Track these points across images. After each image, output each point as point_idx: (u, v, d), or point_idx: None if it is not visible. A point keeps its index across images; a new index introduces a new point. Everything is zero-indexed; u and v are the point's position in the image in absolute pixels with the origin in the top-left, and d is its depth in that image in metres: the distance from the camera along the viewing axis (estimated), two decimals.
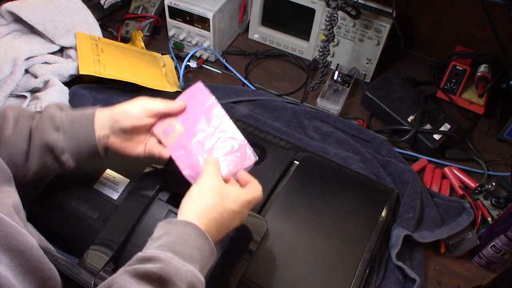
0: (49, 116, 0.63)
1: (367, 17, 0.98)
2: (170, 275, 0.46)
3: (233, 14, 1.11)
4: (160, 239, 0.51)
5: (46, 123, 0.63)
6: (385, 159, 0.89)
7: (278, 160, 0.81)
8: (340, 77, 1.05)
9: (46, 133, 0.62)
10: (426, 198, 0.83)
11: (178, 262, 0.48)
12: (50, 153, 0.63)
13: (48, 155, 0.63)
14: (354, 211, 0.75)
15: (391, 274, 0.74)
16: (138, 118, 0.64)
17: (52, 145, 0.62)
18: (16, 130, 0.62)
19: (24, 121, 0.63)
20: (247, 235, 0.67)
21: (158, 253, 0.48)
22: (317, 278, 0.66)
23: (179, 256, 0.49)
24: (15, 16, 0.92)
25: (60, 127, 0.63)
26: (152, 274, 0.46)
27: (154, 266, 0.46)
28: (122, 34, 1.12)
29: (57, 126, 0.63)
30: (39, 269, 0.45)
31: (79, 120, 0.64)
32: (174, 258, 0.48)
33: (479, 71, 1.00)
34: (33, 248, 0.44)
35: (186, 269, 0.48)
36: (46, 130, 0.62)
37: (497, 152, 0.96)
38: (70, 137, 0.63)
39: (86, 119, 0.64)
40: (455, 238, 0.79)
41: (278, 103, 0.98)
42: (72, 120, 0.64)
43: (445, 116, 0.95)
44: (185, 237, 0.51)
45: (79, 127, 0.64)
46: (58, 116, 0.64)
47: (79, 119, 0.64)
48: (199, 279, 0.49)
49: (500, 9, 0.93)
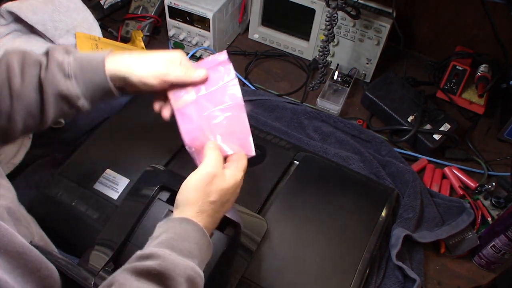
0: (57, 64, 0.60)
1: (367, 17, 0.98)
2: (168, 270, 0.47)
3: (233, 14, 1.11)
4: (159, 237, 0.51)
5: (55, 72, 0.59)
6: (385, 159, 0.89)
7: (278, 160, 0.81)
8: (340, 77, 1.05)
9: (58, 83, 0.59)
10: (426, 198, 0.83)
11: (176, 257, 0.49)
12: (66, 102, 0.61)
13: (63, 103, 0.61)
14: (354, 211, 0.75)
15: (391, 274, 0.74)
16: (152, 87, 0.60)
17: (66, 94, 0.60)
18: (25, 81, 0.59)
19: (31, 69, 0.60)
20: (247, 235, 0.67)
21: (157, 250, 0.49)
22: (317, 278, 0.66)
23: (178, 252, 0.49)
24: (15, 16, 0.92)
25: (70, 75, 0.60)
26: (151, 270, 0.46)
27: (152, 263, 0.47)
28: (122, 34, 1.12)
29: (67, 73, 0.60)
30: (37, 269, 0.45)
31: (90, 66, 0.61)
32: (172, 254, 0.49)
33: (479, 71, 1.00)
34: (30, 250, 0.44)
35: (184, 264, 0.49)
36: (57, 79, 0.59)
37: (497, 152, 0.96)
38: (83, 83, 0.60)
39: (97, 63, 0.61)
40: (455, 238, 0.79)
41: (278, 103, 0.98)
42: (82, 66, 0.60)
43: (445, 116, 0.95)
44: (182, 233, 0.51)
45: (91, 73, 0.60)
46: (66, 62, 0.60)
47: (89, 65, 0.61)
48: (198, 273, 0.50)
49: (500, 9, 0.93)
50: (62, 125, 0.87)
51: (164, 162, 0.76)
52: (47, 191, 0.76)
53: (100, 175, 0.76)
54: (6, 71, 0.59)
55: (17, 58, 0.60)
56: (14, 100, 0.58)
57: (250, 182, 0.76)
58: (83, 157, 0.80)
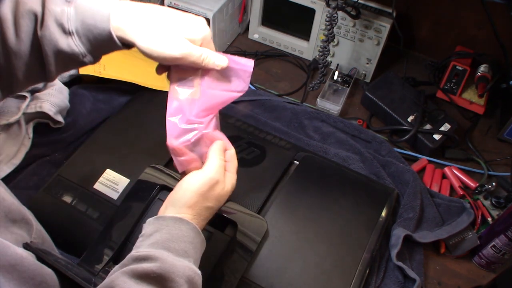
0: (55, 19, 0.52)
1: (367, 17, 0.98)
2: (168, 272, 0.46)
3: (233, 14, 1.11)
4: (152, 236, 0.50)
5: (53, 29, 0.52)
6: (385, 159, 0.89)
7: (278, 160, 0.81)
8: (340, 77, 1.05)
9: (57, 42, 0.52)
10: (426, 198, 0.83)
11: (174, 258, 0.48)
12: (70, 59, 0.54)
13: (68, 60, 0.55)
14: (354, 211, 0.75)
15: (391, 274, 0.74)
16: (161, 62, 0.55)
17: (70, 53, 0.53)
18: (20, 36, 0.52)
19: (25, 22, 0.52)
20: (247, 235, 0.67)
21: (154, 252, 0.48)
22: (317, 278, 0.66)
23: (174, 252, 0.49)
24: None
25: (71, 31, 0.52)
26: (151, 273, 0.46)
27: (151, 265, 0.46)
28: None
29: (67, 30, 0.52)
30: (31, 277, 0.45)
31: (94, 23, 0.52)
32: (169, 255, 0.48)
33: (479, 71, 1.00)
34: (23, 258, 0.44)
35: (182, 264, 0.49)
36: (56, 37, 0.52)
37: (497, 152, 0.96)
38: (86, 40, 0.53)
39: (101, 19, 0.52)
40: (455, 238, 0.79)
41: (278, 103, 0.98)
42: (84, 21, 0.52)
43: (445, 116, 0.95)
44: (177, 232, 0.51)
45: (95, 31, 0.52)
46: (66, 16, 0.52)
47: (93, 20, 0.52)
48: (196, 272, 0.50)
49: (500, 9, 0.93)
50: (62, 125, 0.87)
51: (164, 162, 0.76)
52: (47, 191, 0.76)
53: (100, 175, 0.76)
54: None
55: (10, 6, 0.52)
56: (12, 58, 0.52)
57: (250, 182, 0.76)
58: (83, 157, 0.80)
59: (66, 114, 0.89)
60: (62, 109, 0.87)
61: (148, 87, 0.93)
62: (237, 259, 0.65)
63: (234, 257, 0.65)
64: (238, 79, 0.57)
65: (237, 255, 0.65)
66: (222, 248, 0.65)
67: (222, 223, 0.68)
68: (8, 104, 0.88)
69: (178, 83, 0.56)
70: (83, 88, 0.93)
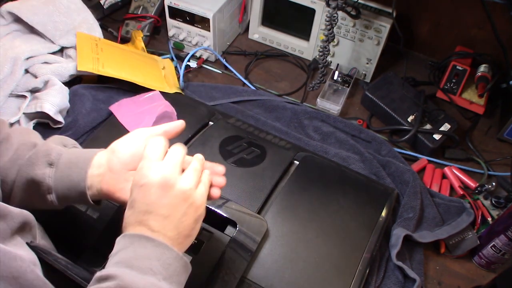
0: (46, 149, 0.58)
1: (367, 17, 0.98)
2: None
3: (233, 14, 1.11)
4: (117, 255, 0.49)
5: (40, 156, 0.58)
6: (385, 159, 0.89)
7: (278, 160, 0.81)
8: (340, 77, 1.05)
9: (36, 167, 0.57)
10: (426, 198, 0.83)
11: (136, 276, 0.46)
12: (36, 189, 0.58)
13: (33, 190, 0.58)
14: (354, 211, 0.75)
15: (391, 274, 0.74)
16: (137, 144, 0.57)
17: (38, 181, 0.57)
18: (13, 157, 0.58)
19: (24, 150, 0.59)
20: (247, 235, 0.67)
21: (114, 270, 0.47)
22: (317, 278, 0.66)
23: (137, 270, 0.47)
24: (15, 17, 0.92)
25: (54, 163, 0.57)
26: None
27: (110, 284, 0.45)
28: (122, 34, 1.12)
29: (51, 161, 0.57)
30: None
31: (77, 161, 0.58)
32: (131, 273, 0.46)
33: (479, 71, 1.00)
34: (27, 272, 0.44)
35: (144, 281, 0.46)
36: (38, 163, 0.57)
37: (497, 152, 0.96)
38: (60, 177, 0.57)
39: (84, 158, 0.58)
40: (455, 238, 0.79)
41: (278, 103, 0.98)
42: (69, 159, 0.58)
43: (445, 116, 0.95)
44: (141, 250, 0.48)
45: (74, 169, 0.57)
46: (56, 150, 0.58)
47: (76, 159, 0.58)
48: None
49: (500, 9, 0.93)
50: (62, 125, 0.87)
51: None
52: None
53: None
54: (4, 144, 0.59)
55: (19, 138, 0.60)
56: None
57: (250, 182, 0.76)
58: None
59: (66, 114, 0.89)
60: (62, 109, 0.87)
61: (147, 87, 0.93)
62: (237, 259, 0.65)
63: (234, 257, 0.65)
64: None
65: (237, 255, 0.65)
66: (222, 248, 0.65)
67: (222, 223, 0.68)
68: (8, 104, 0.88)
69: None
70: (83, 88, 0.93)
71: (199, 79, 1.07)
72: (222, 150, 0.81)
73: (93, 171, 0.57)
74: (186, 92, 1.00)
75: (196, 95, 0.99)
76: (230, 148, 0.82)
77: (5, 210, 0.47)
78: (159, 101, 0.87)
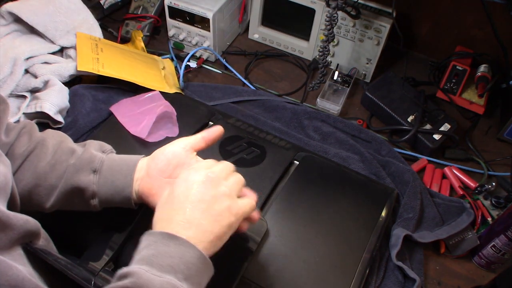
0: (89, 156, 0.62)
1: (367, 17, 0.98)
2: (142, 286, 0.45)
3: (233, 14, 1.11)
4: (141, 253, 0.49)
5: (84, 163, 0.61)
6: (385, 159, 0.89)
7: (278, 160, 0.81)
8: (340, 77, 1.05)
9: (82, 174, 0.61)
10: (426, 198, 0.83)
11: (153, 274, 0.46)
12: (80, 195, 0.62)
13: (76, 196, 0.62)
14: (354, 211, 0.75)
15: (391, 274, 0.74)
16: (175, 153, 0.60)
17: (83, 187, 0.61)
18: (51, 161, 0.61)
19: (62, 156, 0.62)
20: (247, 235, 0.67)
21: (133, 268, 0.47)
22: (317, 278, 0.66)
23: (157, 268, 0.47)
24: (15, 17, 0.92)
25: (97, 170, 0.61)
26: None
27: (127, 281, 0.45)
28: (122, 34, 1.12)
29: (94, 168, 0.61)
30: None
31: (119, 168, 0.62)
32: (149, 271, 0.47)
33: (479, 71, 1.00)
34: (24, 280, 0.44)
35: (161, 280, 0.46)
36: (83, 171, 0.61)
37: (497, 152, 0.96)
38: (104, 183, 0.61)
39: (127, 166, 0.62)
40: (455, 238, 0.79)
41: (278, 103, 0.98)
42: (112, 166, 0.62)
43: (445, 116, 0.95)
44: (164, 248, 0.49)
45: (118, 175, 0.61)
46: (99, 157, 0.62)
47: (119, 166, 0.62)
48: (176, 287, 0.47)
49: (500, 9, 0.93)
50: (62, 125, 0.87)
51: None
52: None
53: None
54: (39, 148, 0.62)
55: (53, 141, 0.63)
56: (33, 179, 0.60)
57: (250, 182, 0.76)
58: None
59: (66, 114, 0.89)
60: (62, 109, 0.87)
61: (147, 87, 0.93)
62: (237, 259, 0.65)
63: (234, 257, 0.65)
64: None
65: (237, 255, 0.65)
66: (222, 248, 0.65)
67: None
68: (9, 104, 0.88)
69: None
70: (83, 88, 0.93)
71: (199, 79, 1.07)
72: (222, 150, 0.81)
73: (137, 176, 0.61)
74: (186, 92, 1.00)
75: (196, 95, 0.99)
76: (230, 148, 0.82)
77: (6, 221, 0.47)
78: (159, 101, 0.87)
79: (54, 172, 0.61)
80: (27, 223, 0.51)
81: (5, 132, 0.62)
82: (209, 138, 0.62)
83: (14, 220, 0.48)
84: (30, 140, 0.63)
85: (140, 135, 0.81)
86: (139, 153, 0.66)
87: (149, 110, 0.85)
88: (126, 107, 0.88)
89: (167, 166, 0.59)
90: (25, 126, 0.65)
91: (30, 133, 0.64)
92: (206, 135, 0.62)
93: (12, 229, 0.48)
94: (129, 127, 0.84)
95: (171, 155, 0.60)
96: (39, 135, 0.65)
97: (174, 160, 0.60)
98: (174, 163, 0.59)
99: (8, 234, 0.48)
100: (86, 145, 0.65)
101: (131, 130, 0.83)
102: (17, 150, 0.62)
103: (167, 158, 0.60)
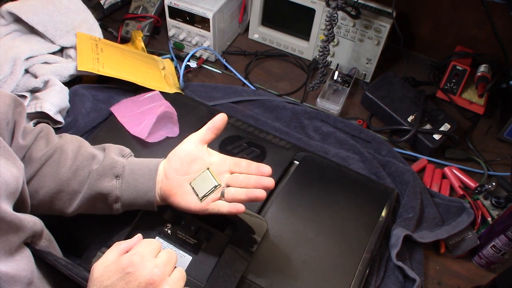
0: (111, 162, 0.63)
1: (367, 17, 0.98)
2: None
3: (233, 14, 1.11)
4: None
5: (106, 169, 0.62)
6: (385, 159, 0.89)
7: (278, 160, 0.81)
8: (340, 77, 1.05)
9: (104, 180, 0.62)
10: (426, 198, 0.83)
11: None
12: (103, 199, 0.63)
13: (99, 201, 0.63)
14: (354, 211, 0.75)
15: (391, 274, 0.74)
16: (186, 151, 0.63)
17: (107, 193, 0.62)
18: (73, 167, 0.62)
19: (84, 161, 0.63)
20: (247, 235, 0.67)
21: None
22: (317, 278, 0.66)
23: None
24: (15, 17, 0.92)
25: (120, 175, 0.63)
26: None
27: None
28: (122, 34, 1.12)
29: (117, 173, 0.63)
30: None
31: (141, 172, 0.63)
32: None
33: (479, 71, 1.00)
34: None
35: None
36: (105, 176, 0.62)
37: (497, 152, 0.96)
38: (127, 187, 0.63)
39: (149, 170, 0.64)
40: (455, 238, 0.79)
41: (278, 103, 0.98)
42: (133, 170, 0.64)
43: (445, 116, 0.95)
44: None
45: (141, 179, 0.63)
46: (120, 162, 0.63)
47: (141, 171, 0.64)
48: None
49: (500, 9, 0.93)
50: (62, 125, 0.87)
51: None
52: None
53: None
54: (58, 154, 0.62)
55: (73, 146, 0.64)
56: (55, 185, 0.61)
57: None
58: None
59: (66, 114, 0.89)
60: (62, 109, 0.87)
61: (147, 87, 0.93)
62: (237, 259, 0.65)
63: (234, 257, 0.65)
64: None
65: (237, 255, 0.65)
66: (222, 248, 0.65)
67: (222, 223, 0.68)
68: None
69: None
70: (83, 88, 0.93)
71: (199, 79, 1.07)
72: (222, 150, 0.81)
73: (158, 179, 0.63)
74: (186, 92, 1.00)
75: (196, 95, 0.99)
76: (230, 148, 0.82)
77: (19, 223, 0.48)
78: (159, 101, 0.87)
79: (76, 178, 0.62)
80: (35, 225, 0.51)
81: (22, 135, 0.63)
82: (215, 127, 0.64)
83: (25, 222, 0.49)
84: (47, 145, 0.64)
85: (140, 136, 0.81)
86: (139, 153, 0.66)
87: (149, 110, 0.85)
88: (126, 107, 0.88)
89: (181, 165, 0.62)
90: (42, 130, 0.66)
91: (47, 138, 0.65)
92: (211, 125, 0.64)
93: (23, 231, 0.49)
94: (129, 127, 0.84)
95: (183, 153, 0.63)
96: (57, 140, 0.65)
97: (187, 157, 0.62)
98: (188, 160, 0.62)
99: (20, 235, 0.48)
100: (106, 149, 0.66)
101: (131, 130, 0.83)
102: (35, 154, 0.62)
103: (179, 157, 0.63)
